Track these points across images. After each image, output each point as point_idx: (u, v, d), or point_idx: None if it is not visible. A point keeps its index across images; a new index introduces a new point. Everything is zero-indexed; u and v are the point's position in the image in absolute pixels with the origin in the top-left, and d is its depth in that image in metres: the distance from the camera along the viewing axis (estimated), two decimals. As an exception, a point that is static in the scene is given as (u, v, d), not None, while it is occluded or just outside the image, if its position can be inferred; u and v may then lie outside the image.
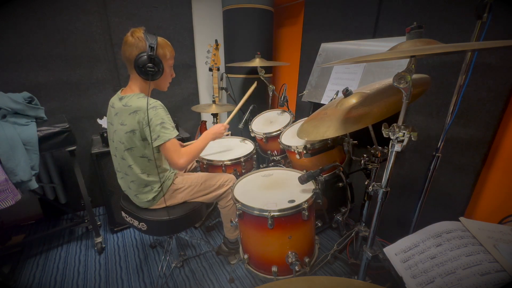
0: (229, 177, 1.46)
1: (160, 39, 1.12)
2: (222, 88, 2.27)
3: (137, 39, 1.07)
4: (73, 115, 2.06)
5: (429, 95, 1.38)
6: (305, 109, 2.20)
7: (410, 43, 0.84)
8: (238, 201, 1.17)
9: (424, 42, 0.81)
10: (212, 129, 1.38)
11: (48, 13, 1.83)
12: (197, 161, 1.72)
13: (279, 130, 1.76)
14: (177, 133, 1.14)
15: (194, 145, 1.26)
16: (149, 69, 1.08)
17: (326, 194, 1.63)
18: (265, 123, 1.99)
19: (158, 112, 1.10)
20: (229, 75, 2.37)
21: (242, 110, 2.24)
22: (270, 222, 1.08)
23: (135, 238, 1.95)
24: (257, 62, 1.94)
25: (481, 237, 0.70)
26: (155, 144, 1.10)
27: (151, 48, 1.07)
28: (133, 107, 1.09)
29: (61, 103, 2.02)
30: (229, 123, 1.50)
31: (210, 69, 2.32)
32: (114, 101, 1.19)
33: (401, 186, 1.57)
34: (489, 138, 1.22)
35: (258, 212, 1.10)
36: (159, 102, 1.13)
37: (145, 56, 1.07)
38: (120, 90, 1.21)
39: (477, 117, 1.24)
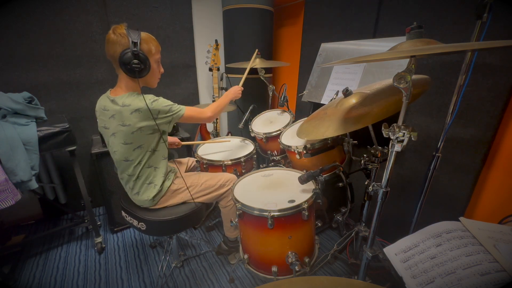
0: (230, 177, 1.46)
1: (143, 34, 1.08)
2: (222, 88, 2.27)
3: (119, 36, 1.03)
4: (73, 115, 2.06)
5: (429, 95, 1.38)
6: (305, 109, 2.20)
7: (410, 43, 0.84)
8: (238, 201, 1.17)
9: (424, 42, 0.81)
10: (230, 90, 1.52)
11: (48, 13, 1.83)
12: (197, 161, 1.72)
13: (279, 130, 1.76)
14: (185, 107, 1.22)
15: (215, 102, 1.40)
16: (135, 65, 1.05)
17: (326, 194, 1.63)
18: (265, 123, 1.99)
19: (160, 102, 1.12)
20: (229, 75, 2.37)
21: (242, 110, 2.25)
22: (270, 222, 1.08)
23: (135, 238, 1.95)
24: (257, 62, 1.94)
25: (481, 237, 0.70)
26: (175, 120, 1.19)
27: (135, 44, 1.03)
28: (133, 106, 1.08)
29: (61, 103, 2.02)
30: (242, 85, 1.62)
31: (210, 69, 2.32)
32: (106, 103, 1.15)
33: (401, 186, 1.57)
34: (489, 138, 1.22)
35: (258, 212, 1.10)
36: (153, 95, 1.14)
37: (130, 53, 1.03)
38: (109, 91, 1.18)
39: (477, 117, 1.24)
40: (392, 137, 0.85)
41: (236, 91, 1.53)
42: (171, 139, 1.63)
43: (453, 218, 0.82)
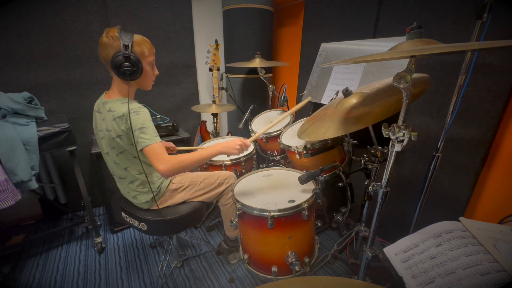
0: (228, 174, 1.46)
1: (136, 36, 1.07)
2: (222, 88, 2.27)
3: (112, 39, 1.03)
4: (73, 115, 2.06)
5: (429, 95, 1.38)
6: (305, 109, 2.20)
7: (410, 43, 0.84)
8: (238, 201, 1.17)
9: (424, 42, 0.82)
10: (225, 143, 1.18)
11: (48, 13, 1.83)
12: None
13: (279, 130, 1.76)
14: (158, 140, 1.06)
15: (187, 155, 1.11)
16: (126, 68, 1.04)
17: (326, 194, 1.63)
18: (265, 123, 1.99)
19: (140, 116, 1.05)
20: (229, 75, 2.37)
21: (242, 110, 2.25)
22: (270, 222, 1.08)
23: (135, 238, 1.95)
24: (257, 62, 1.94)
25: (481, 237, 0.70)
26: (137, 149, 1.07)
27: (126, 46, 1.02)
28: (117, 112, 1.07)
29: (61, 103, 2.02)
30: (252, 141, 1.28)
31: (210, 69, 2.32)
32: (99, 105, 1.16)
33: (401, 186, 1.57)
34: (489, 138, 1.22)
35: (258, 212, 1.10)
36: (143, 108, 1.09)
37: (121, 56, 1.02)
38: (104, 94, 1.18)
39: (477, 117, 1.24)
40: (392, 137, 0.85)
41: (232, 146, 1.18)
42: (166, 144, 1.56)
43: (453, 218, 0.82)
